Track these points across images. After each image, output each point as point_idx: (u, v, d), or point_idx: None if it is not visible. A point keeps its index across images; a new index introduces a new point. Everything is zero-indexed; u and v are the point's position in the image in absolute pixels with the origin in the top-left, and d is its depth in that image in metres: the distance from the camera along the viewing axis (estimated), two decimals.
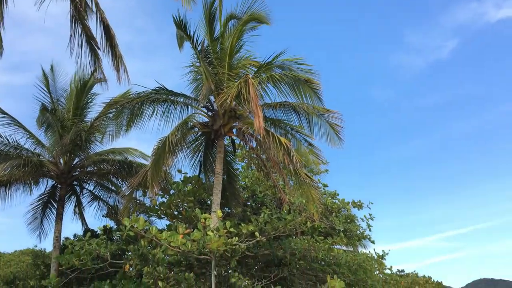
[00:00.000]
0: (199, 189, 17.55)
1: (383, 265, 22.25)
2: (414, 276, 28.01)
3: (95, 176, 18.65)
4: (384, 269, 22.63)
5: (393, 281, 23.27)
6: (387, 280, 22.85)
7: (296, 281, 19.24)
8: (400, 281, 24.13)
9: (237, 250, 11.29)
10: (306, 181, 15.30)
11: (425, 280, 28.23)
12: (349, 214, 21.91)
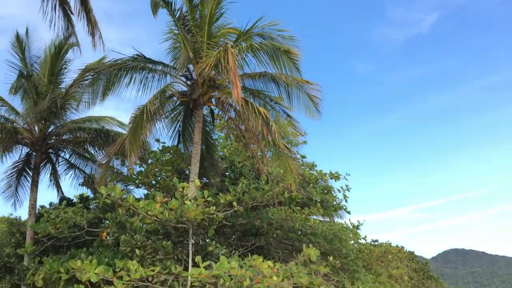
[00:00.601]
0: (177, 158, 17.49)
1: (358, 235, 22.80)
2: (388, 245, 28.82)
3: (71, 144, 18.36)
4: (358, 239, 23.20)
5: (367, 250, 23.90)
6: (361, 249, 23.45)
7: (272, 250, 19.56)
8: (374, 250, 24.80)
9: (215, 219, 11.34)
10: (284, 152, 15.38)
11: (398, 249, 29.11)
12: (326, 185, 22.23)
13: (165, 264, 10.11)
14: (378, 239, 30.93)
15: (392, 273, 28.13)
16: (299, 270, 11.44)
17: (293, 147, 21.56)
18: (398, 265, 30.27)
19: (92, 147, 18.72)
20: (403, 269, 32.06)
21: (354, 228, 22.77)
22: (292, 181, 15.03)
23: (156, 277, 9.96)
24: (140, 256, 10.38)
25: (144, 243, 10.68)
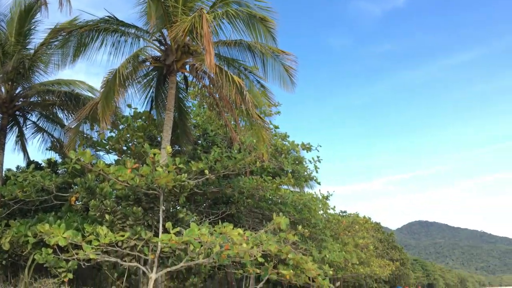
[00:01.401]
0: (149, 125, 17.30)
1: (327, 205, 23.24)
2: (355, 216, 29.51)
3: (39, 107, 17.86)
4: (327, 209, 23.66)
5: (335, 220, 24.44)
6: (329, 219, 23.96)
7: (243, 218, 19.79)
8: (342, 220, 25.37)
9: (186, 186, 11.35)
10: (257, 122, 15.38)
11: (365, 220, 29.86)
12: (297, 156, 22.45)
13: (135, 230, 10.11)
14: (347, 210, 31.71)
15: (359, 242, 28.95)
16: (268, 238, 11.63)
17: (266, 117, 21.57)
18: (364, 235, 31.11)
19: (61, 111, 18.27)
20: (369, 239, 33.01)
21: (323, 199, 23.18)
22: (264, 151, 15.11)
23: (126, 243, 9.96)
24: (110, 222, 10.35)
25: (114, 208, 10.63)
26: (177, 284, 13.58)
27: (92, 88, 18.47)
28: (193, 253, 10.20)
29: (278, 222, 11.10)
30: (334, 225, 25.18)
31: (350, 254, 24.07)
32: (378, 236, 58.53)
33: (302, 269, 14.72)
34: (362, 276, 37.02)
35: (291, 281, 15.47)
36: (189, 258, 10.32)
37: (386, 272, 34.40)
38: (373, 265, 30.70)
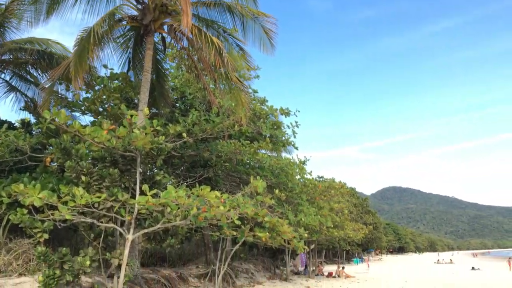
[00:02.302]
0: (126, 86, 17.00)
1: (304, 170, 23.48)
2: (331, 181, 29.91)
3: (12, 65, 17.34)
4: (304, 174, 23.92)
5: (311, 185, 24.75)
6: (306, 184, 24.25)
7: (220, 182, 19.91)
8: (318, 185, 25.70)
9: (163, 149, 11.29)
10: (236, 85, 15.28)
11: (340, 185, 30.29)
12: (276, 121, 22.48)
13: (112, 192, 10.06)
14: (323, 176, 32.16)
15: (334, 206, 29.50)
16: (245, 201, 11.76)
17: (245, 81, 21.38)
18: (339, 200, 31.73)
19: (35, 70, 17.78)
20: (344, 203, 33.67)
21: (300, 164, 23.40)
22: (243, 115, 15.07)
23: (102, 204, 9.92)
24: (86, 183, 10.26)
25: (90, 170, 10.52)
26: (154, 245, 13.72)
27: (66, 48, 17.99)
28: (170, 215, 10.25)
29: (255, 185, 11.19)
30: (311, 189, 25.51)
31: (325, 218, 24.54)
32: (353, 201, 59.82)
33: (278, 231, 15.02)
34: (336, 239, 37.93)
35: (267, 243, 15.82)
36: (166, 220, 10.37)
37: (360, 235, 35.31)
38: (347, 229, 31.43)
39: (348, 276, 32.00)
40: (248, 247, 29.13)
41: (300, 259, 34.75)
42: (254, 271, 25.59)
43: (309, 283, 25.39)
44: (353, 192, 65.58)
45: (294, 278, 28.19)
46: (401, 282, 26.60)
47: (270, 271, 28.71)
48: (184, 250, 23.22)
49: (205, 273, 19.29)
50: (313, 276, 31.07)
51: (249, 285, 21.77)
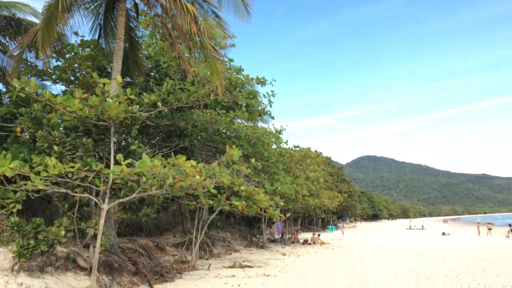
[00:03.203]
0: (98, 54, 16.60)
1: (280, 140, 23.59)
2: (307, 150, 30.18)
3: None
4: (280, 143, 24.04)
5: (287, 154, 24.94)
6: (282, 153, 24.43)
7: (196, 151, 19.86)
8: (294, 154, 25.92)
9: (138, 118, 11.14)
10: (212, 54, 15.05)
11: (316, 154, 30.60)
12: (252, 90, 22.36)
13: (86, 161, 9.94)
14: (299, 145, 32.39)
15: (309, 175, 29.87)
16: (221, 170, 11.77)
17: (221, 49, 21.10)
18: (315, 169, 32.09)
19: (2, 36, 17.11)
20: (319, 172, 34.09)
21: (276, 133, 23.49)
22: (218, 84, 14.93)
23: (76, 174, 9.81)
24: (59, 153, 10.10)
25: (63, 139, 10.35)
26: (130, 215, 13.70)
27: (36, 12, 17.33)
28: (146, 184, 10.22)
29: (231, 154, 11.19)
30: (287, 158, 25.74)
31: (301, 187, 24.87)
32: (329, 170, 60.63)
33: (254, 200, 15.16)
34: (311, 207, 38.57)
35: (244, 212, 15.98)
36: (141, 189, 10.34)
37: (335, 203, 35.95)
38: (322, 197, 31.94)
39: (323, 243, 32.72)
40: (224, 216, 29.42)
41: (277, 227, 35.31)
42: (231, 240, 25.93)
43: (285, 250, 25.89)
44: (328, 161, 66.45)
45: (271, 246, 28.69)
46: (374, 248, 27.37)
47: (247, 239, 29.13)
48: (161, 219, 23.31)
49: (182, 242, 19.46)
50: (289, 244, 31.67)
51: (226, 253, 22.08)
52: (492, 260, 19.43)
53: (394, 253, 23.24)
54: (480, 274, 14.75)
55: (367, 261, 19.23)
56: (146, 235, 19.41)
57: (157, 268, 13.81)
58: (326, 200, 32.94)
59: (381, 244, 32.00)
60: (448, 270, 15.95)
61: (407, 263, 18.42)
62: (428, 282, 13.04)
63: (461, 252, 24.41)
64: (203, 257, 19.18)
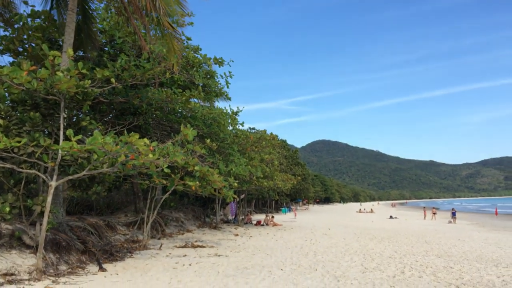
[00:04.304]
0: (49, 26, 15.90)
1: (236, 121, 23.56)
2: (263, 133, 30.33)
3: None
4: (236, 125, 24.02)
5: (243, 135, 24.97)
6: (237, 134, 24.43)
7: (151, 130, 19.57)
8: (250, 136, 25.98)
9: (90, 94, 10.84)
10: (168, 31, 14.75)
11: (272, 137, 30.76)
12: (209, 70, 22.14)
13: (33, 136, 9.59)
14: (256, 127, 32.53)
15: (264, 157, 30.09)
16: (175, 149, 11.68)
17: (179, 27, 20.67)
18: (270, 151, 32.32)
19: None
20: (274, 155, 34.39)
21: (233, 114, 23.43)
22: (175, 62, 14.70)
23: (23, 149, 9.47)
24: (4, 127, 9.69)
25: (9, 113, 9.95)
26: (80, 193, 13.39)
27: None
28: (97, 162, 10.00)
29: (185, 133, 11.11)
30: (242, 140, 25.77)
31: (255, 168, 25.03)
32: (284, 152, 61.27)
33: (208, 181, 15.16)
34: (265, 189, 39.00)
35: (197, 192, 15.97)
36: (92, 167, 10.12)
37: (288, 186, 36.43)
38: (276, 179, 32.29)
39: (276, 224, 33.22)
40: (178, 196, 29.27)
41: (230, 208, 35.50)
42: (184, 220, 25.87)
43: (238, 231, 26.12)
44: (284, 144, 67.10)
45: (224, 227, 28.86)
46: (324, 230, 28.07)
47: (200, 219, 29.15)
48: (113, 198, 22.91)
49: (134, 221, 19.25)
50: (242, 225, 31.96)
51: (178, 233, 22.03)
52: (434, 243, 20.39)
53: (343, 235, 23.95)
54: (422, 256, 15.45)
55: (317, 242, 19.72)
56: (96, 214, 19.05)
57: (107, 247, 13.62)
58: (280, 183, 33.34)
59: (331, 226, 32.87)
60: (393, 251, 16.61)
61: (355, 244, 19.04)
62: (374, 262, 13.55)
63: (406, 234, 25.47)
64: (155, 237, 19.07)
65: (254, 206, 58.56)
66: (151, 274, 11.03)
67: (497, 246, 19.49)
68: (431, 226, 35.91)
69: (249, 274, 11.17)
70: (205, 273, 11.31)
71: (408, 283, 10.21)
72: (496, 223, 42.66)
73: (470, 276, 11.40)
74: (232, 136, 23.48)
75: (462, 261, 14.17)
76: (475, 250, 17.77)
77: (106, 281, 9.87)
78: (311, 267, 12.53)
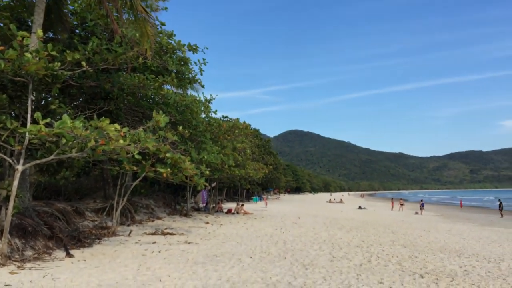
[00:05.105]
0: (18, 6, 15.42)
1: (209, 109, 23.46)
2: (236, 121, 30.29)
3: None
4: (209, 113, 23.93)
5: (216, 123, 24.90)
6: (210, 122, 24.35)
7: (122, 116, 19.29)
8: (223, 124, 25.93)
9: (59, 76, 10.60)
10: (142, 16, 14.53)
11: (245, 126, 30.77)
12: (183, 57, 21.89)
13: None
14: (229, 116, 32.39)
15: (237, 146, 30.11)
16: (147, 136, 11.56)
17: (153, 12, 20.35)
18: (243, 140, 32.35)
19: None
20: (247, 143, 34.43)
21: (206, 102, 23.30)
22: (148, 47, 14.49)
23: None
24: None
25: None
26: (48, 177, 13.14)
27: None
28: (65, 146, 9.81)
29: (157, 120, 11.01)
30: (215, 128, 25.69)
31: (227, 157, 25.00)
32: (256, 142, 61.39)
33: (180, 168, 15.08)
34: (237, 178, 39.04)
35: (168, 179, 15.86)
36: (60, 151, 9.92)
37: (260, 174, 36.57)
38: (248, 168, 32.35)
39: (246, 212, 33.36)
40: (149, 183, 29.02)
41: (202, 196, 35.45)
42: (155, 207, 25.72)
43: (209, 219, 26.13)
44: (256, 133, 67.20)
45: (194, 214, 28.82)
46: (294, 219, 28.36)
47: (171, 207, 29.01)
48: (82, 184, 22.54)
49: (103, 207, 19.01)
50: (213, 213, 31.97)
51: (148, 220, 21.89)
52: (401, 233, 20.89)
53: (312, 224, 24.27)
54: (389, 245, 15.82)
55: (287, 231, 19.93)
56: (64, 200, 18.71)
57: (75, 233, 13.44)
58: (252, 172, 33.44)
59: (301, 215, 33.23)
60: (360, 241, 16.95)
61: (324, 234, 19.33)
62: (342, 251, 13.80)
63: (374, 225, 26.00)
64: (125, 224, 18.90)
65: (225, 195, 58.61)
66: (119, 260, 10.96)
67: (461, 237, 20.12)
68: (399, 217, 36.77)
69: (218, 262, 11.22)
70: (175, 260, 11.31)
71: (374, 272, 10.45)
72: (460, 215, 44.01)
73: (433, 265, 11.75)
74: (204, 124, 23.38)
75: (426, 251, 14.57)
76: (439, 240, 18.29)
77: (73, 267, 9.76)
78: (280, 255, 12.67)
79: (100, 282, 8.43)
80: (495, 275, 10.63)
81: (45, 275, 8.77)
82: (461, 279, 10.00)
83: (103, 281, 8.53)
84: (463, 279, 9.95)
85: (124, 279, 8.79)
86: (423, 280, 9.72)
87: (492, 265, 12.24)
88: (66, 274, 9.00)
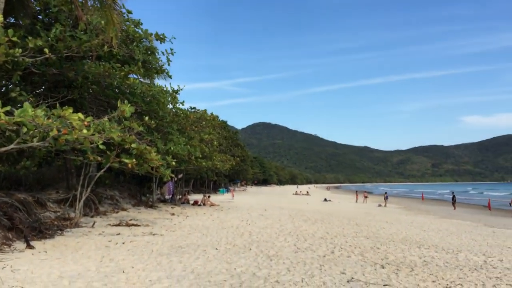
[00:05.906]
0: None
1: (176, 100, 23.27)
2: (203, 112, 30.17)
3: None
4: (176, 103, 23.72)
5: (183, 114, 24.72)
6: (177, 113, 24.16)
7: (86, 105, 18.91)
8: (190, 115, 25.78)
9: (20, 63, 10.30)
10: (107, 2, 14.24)
11: (212, 117, 30.71)
12: (150, 46, 21.56)
13: None
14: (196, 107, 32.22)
15: (204, 137, 30.00)
16: (112, 126, 11.39)
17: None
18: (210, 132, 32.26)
19: None
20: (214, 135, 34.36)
21: (173, 93, 23.09)
22: (114, 35, 14.23)
23: None
24: None
25: None
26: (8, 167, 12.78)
27: None
28: (26, 135, 9.55)
29: (123, 110, 10.86)
30: (182, 119, 25.52)
31: (194, 148, 24.87)
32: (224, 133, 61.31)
33: (145, 159, 14.95)
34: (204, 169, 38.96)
35: (134, 170, 15.67)
36: (21, 140, 9.65)
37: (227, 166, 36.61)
38: (215, 160, 32.33)
39: (213, 204, 33.36)
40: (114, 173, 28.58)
41: (168, 187, 35.19)
42: (119, 198, 25.37)
43: (174, 210, 26.00)
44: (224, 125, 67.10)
45: (160, 206, 28.60)
46: (261, 211, 28.55)
47: (136, 198, 28.68)
48: (43, 174, 21.98)
49: (65, 198, 18.61)
50: (179, 204, 31.81)
51: (113, 211, 21.60)
52: (364, 225, 21.36)
53: (278, 216, 24.50)
54: (352, 237, 16.16)
55: (253, 223, 20.06)
56: (25, 190, 18.20)
57: (36, 224, 13.14)
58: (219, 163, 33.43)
59: (268, 207, 33.48)
60: (325, 232, 17.23)
61: (289, 225, 19.55)
62: (306, 243, 14.01)
63: (339, 217, 26.48)
64: (88, 215, 18.58)
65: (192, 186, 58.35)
66: (82, 252, 10.80)
67: (421, 229, 20.74)
68: (363, 209, 37.56)
69: (183, 253, 11.21)
70: (139, 251, 11.23)
71: (337, 262, 10.67)
72: (422, 207, 45.35)
73: (394, 256, 12.09)
74: (171, 115, 23.20)
75: (388, 243, 14.97)
76: (401, 232, 18.80)
77: (33, 259, 9.56)
78: (246, 246, 12.76)
79: (62, 274, 8.30)
80: (452, 266, 11.03)
81: (4, 267, 8.55)
82: (420, 269, 10.33)
83: (65, 273, 8.39)
84: (422, 269, 10.28)
85: (86, 271, 8.67)
86: (384, 270, 9.99)
87: (450, 256, 12.69)
88: (26, 265, 8.81)
